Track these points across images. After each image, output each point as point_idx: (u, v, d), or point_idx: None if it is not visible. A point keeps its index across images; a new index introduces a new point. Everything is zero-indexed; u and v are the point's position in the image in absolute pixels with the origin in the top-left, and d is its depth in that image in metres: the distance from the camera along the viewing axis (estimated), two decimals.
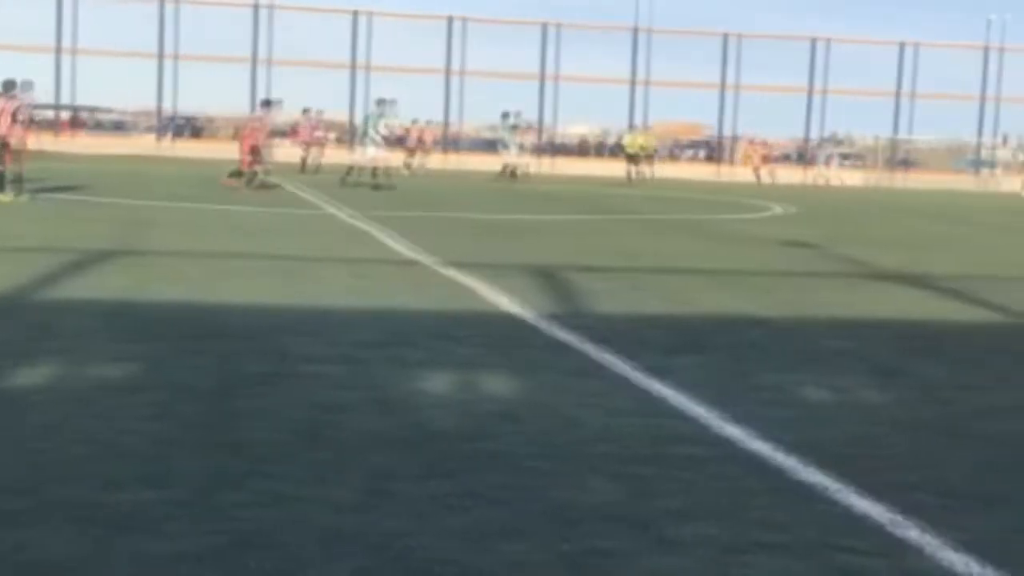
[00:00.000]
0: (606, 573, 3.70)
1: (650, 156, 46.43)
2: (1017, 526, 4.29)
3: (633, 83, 64.92)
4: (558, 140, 68.43)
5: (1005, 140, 72.06)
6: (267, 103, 29.60)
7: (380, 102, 31.06)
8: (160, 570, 3.62)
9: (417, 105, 51.16)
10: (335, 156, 39.90)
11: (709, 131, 73.23)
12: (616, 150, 55.94)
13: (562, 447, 5.19)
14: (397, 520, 4.13)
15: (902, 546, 4.03)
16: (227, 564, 3.68)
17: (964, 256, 17.40)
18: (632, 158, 45.67)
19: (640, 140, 47.06)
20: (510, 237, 17.19)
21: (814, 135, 70.11)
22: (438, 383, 6.54)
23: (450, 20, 61.80)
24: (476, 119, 65.93)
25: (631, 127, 51.50)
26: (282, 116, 35.32)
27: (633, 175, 44.59)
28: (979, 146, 72.29)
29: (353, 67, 60.76)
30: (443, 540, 3.95)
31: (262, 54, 57.66)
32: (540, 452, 5.07)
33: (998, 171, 69.85)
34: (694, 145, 75.34)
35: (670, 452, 5.17)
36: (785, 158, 73.03)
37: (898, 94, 68.13)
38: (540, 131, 65.05)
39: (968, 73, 68.55)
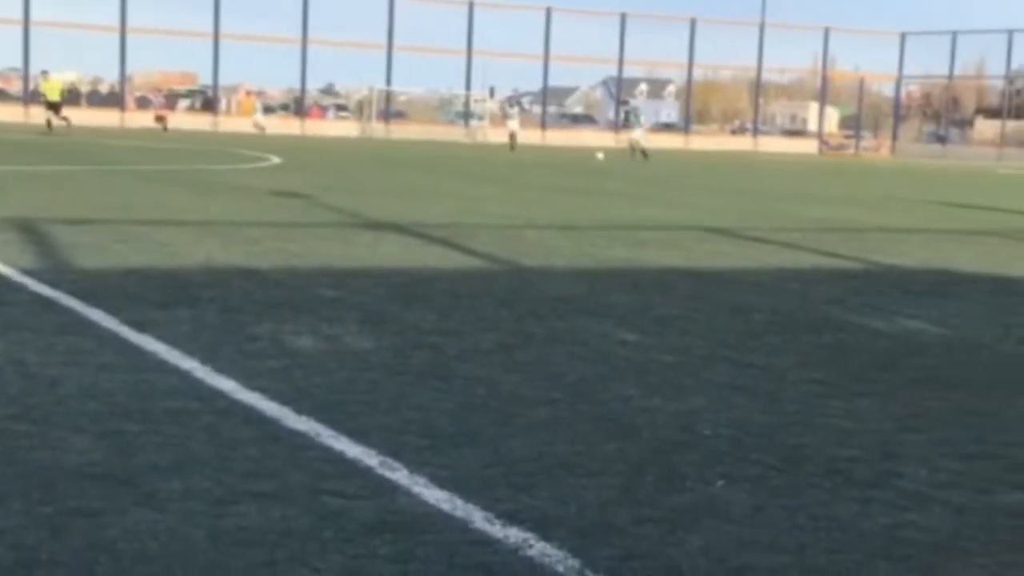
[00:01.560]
0: (88, 533, 3.55)
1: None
2: (492, 460, 4.48)
3: (124, 32, 63.15)
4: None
5: (492, 93, 75.38)
6: None
7: None
8: None
9: None
10: None
11: (204, 80, 72.49)
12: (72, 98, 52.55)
13: (42, 408, 4.94)
14: None
15: (390, 486, 4.12)
16: None
17: (454, 204, 18.03)
18: (53, 106, 43.80)
19: (59, 85, 45.33)
20: None
21: (310, 86, 70.73)
22: None
23: None
24: None
25: (43, 72, 47.96)
26: None
27: (54, 122, 42.98)
28: (468, 99, 75.26)
29: None
30: None
31: None
32: (17, 414, 4.81)
33: (486, 123, 73.03)
34: (190, 95, 74.21)
35: (158, 407, 5.04)
36: (283, 108, 73.34)
37: (390, 47, 69.79)
38: (26, 80, 62.28)
39: (455, 28, 71.12)
